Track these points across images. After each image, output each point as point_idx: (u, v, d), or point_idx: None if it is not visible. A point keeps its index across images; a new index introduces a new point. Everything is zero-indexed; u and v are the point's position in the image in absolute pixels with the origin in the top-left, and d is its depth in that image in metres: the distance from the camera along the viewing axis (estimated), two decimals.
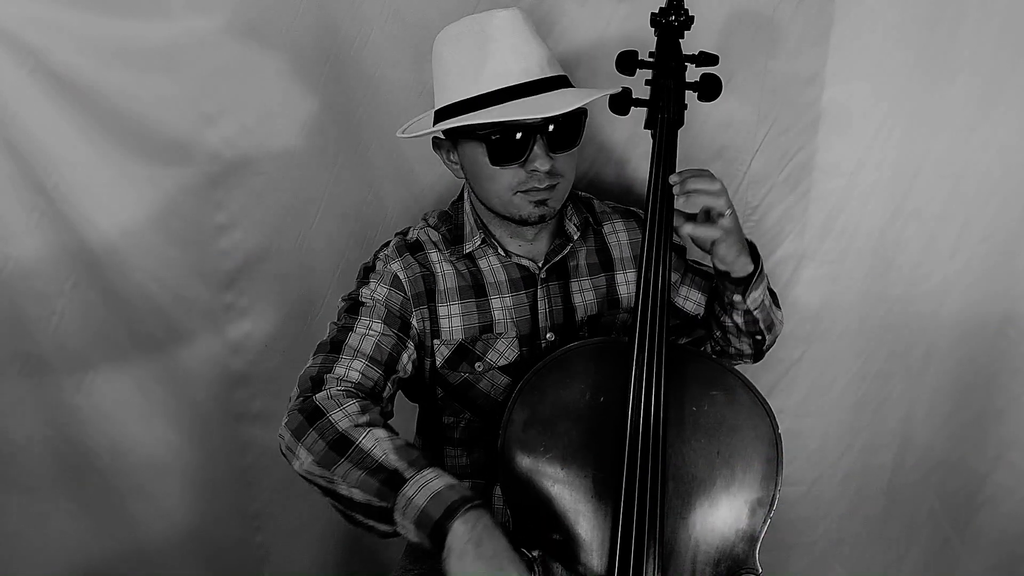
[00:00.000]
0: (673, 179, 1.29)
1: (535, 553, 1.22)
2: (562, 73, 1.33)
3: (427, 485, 1.14)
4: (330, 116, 1.64)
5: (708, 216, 1.30)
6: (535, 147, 1.29)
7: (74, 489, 1.75)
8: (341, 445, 1.20)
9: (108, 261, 1.64)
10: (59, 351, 1.67)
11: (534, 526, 1.24)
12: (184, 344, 1.72)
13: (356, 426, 1.21)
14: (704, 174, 1.29)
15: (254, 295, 1.73)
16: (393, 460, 1.17)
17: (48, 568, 1.78)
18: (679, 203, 1.28)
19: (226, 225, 1.68)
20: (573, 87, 1.34)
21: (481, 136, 1.29)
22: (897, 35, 1.63)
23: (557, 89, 1.30)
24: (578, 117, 1.32)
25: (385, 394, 1.33)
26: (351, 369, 1.31)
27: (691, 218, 1.30)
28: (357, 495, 1.17)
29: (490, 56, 1.28)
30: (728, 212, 1.28)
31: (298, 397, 1.28)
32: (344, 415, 1.22)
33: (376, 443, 1.19)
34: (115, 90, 1.55)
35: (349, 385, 1.29)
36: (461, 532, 1.10)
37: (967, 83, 1.66)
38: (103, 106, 1.56)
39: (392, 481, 1.15)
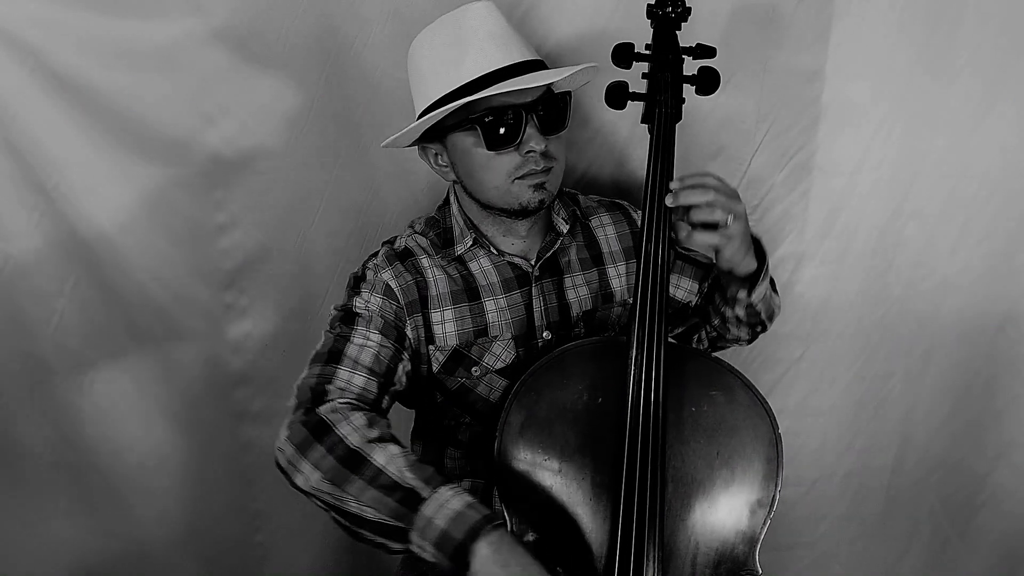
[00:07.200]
0: (673, 185, 1.25)
1: (558, 569, 1.19)
2: (539, 58, 1.34)
3: (446, 504, 1.11)
4: (330, 116, 1.64)
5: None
6: (528, 128, 1.29)
7: (74, 489, 1.75)
8: (352, 462, 1.15)
9: (108, 261, 1.63)
10: (59, 351, 1.66)
11: (531, 527, 1.24)
12: (184, 344, 1.72)
13: (368, 442, 1.17)
14: (699, 185, 1.23)
15: (254, 295, 1.73)
16: (409, 478, 1.13)
17: (48, 568, 1.78)
18: (676, 216, 1.24)
19: (226, 225, 1.68)
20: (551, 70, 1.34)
21: (474, 121, 1.28)
22: (897, 34, 1.63)
23: (538, 71, 1.31)
24: (564, 100, 1.33)
25: (383, 406, 1.31)
26: (352, 382, 1.28)
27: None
28: (369, 513, 1.13)
29: (470, 47, 1.29)
30: (729, 218, 1.22)
31: (298, 409, 1.24)
32: (353, 429, 1.18)
33: (390, 460, 1.15)
34: (115, 90, 1.55)
35: (352, 397, 1.26)
36: (486, 554, 1.07)
37: (967, 83, 1.66)
38: (103, 106, 1.55)
39: (409, 500, 1.12)
